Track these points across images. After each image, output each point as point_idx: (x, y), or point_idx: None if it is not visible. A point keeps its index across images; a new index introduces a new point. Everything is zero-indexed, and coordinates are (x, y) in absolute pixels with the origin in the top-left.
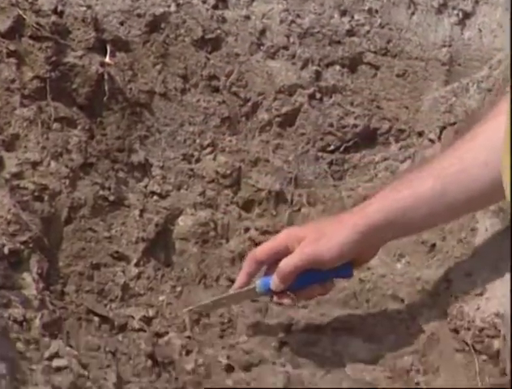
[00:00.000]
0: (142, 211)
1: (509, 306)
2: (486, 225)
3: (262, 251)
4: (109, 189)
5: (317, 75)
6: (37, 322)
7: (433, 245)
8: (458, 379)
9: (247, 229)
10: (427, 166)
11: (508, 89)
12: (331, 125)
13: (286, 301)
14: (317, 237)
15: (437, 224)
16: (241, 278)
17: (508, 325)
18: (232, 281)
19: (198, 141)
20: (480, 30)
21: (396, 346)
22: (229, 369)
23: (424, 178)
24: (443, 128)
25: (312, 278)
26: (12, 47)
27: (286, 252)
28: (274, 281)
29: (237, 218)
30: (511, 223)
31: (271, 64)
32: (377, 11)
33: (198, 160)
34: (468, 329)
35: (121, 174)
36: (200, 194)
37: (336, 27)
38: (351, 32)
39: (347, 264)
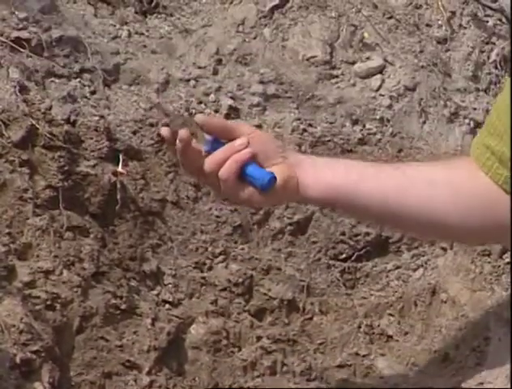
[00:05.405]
0: (154, 320)
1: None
2: (499, 334)
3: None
4: (121, 297)
5: None
6: None
7: (447, 355)
8: None
9: (259, 338)
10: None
11: None
12: (343, 233)
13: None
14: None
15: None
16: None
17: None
18: None
19: (210, 249)
20: None
21: None
22: None
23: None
24: None
25: None
26: (25, 156)
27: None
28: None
29: (249, 326)
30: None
31: None
32: (388, 120)
33: (210, 269)
34: None
35: (133, 283)
36: (212, 302)
37: (348, 136)
38: (362, 141)
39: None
